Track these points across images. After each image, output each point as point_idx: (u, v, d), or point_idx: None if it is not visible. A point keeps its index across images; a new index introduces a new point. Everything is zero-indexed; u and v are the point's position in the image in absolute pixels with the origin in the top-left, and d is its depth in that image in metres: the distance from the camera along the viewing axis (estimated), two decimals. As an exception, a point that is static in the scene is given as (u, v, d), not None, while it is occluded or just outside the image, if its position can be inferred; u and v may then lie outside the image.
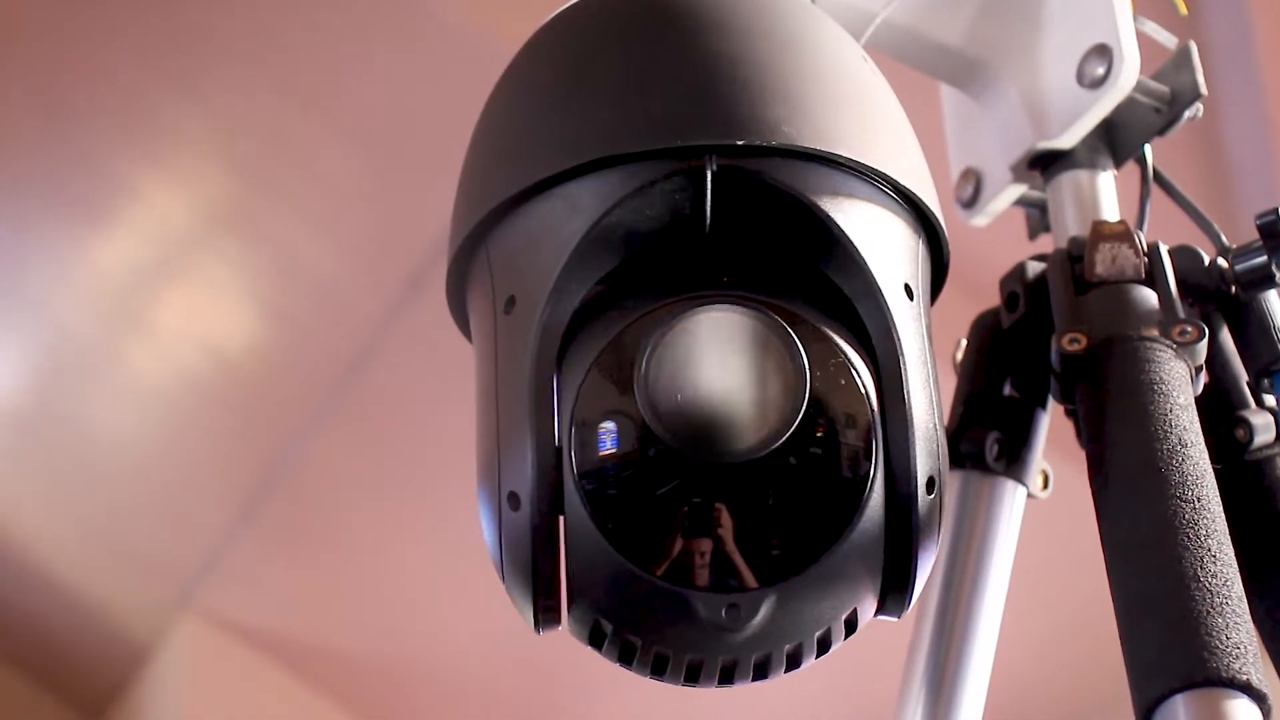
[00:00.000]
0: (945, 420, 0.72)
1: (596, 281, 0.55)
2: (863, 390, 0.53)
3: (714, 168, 0.54)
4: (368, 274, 2.50)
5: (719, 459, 0.52)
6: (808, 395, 0.51)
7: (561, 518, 0.53)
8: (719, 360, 0.52)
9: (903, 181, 0.57)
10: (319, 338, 2.59)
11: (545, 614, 0.54)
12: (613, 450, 0.52)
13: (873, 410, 0.53)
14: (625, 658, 0.54)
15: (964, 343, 0.76)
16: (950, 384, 0.74)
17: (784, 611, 0.53)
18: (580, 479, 0.52)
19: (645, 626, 0.54)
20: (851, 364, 0.53)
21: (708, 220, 0.55)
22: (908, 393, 0.54)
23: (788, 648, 0.54)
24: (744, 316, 0.53)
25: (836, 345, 0.53)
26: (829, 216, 0.54)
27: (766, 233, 0.55)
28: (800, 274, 0.55)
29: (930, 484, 0.54)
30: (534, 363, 0.54)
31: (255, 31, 2.27)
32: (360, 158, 2.40)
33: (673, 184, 0.54)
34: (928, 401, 0.55)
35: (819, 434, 0.52)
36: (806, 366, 0.52)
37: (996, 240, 0.89)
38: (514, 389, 0.54)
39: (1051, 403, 0.73)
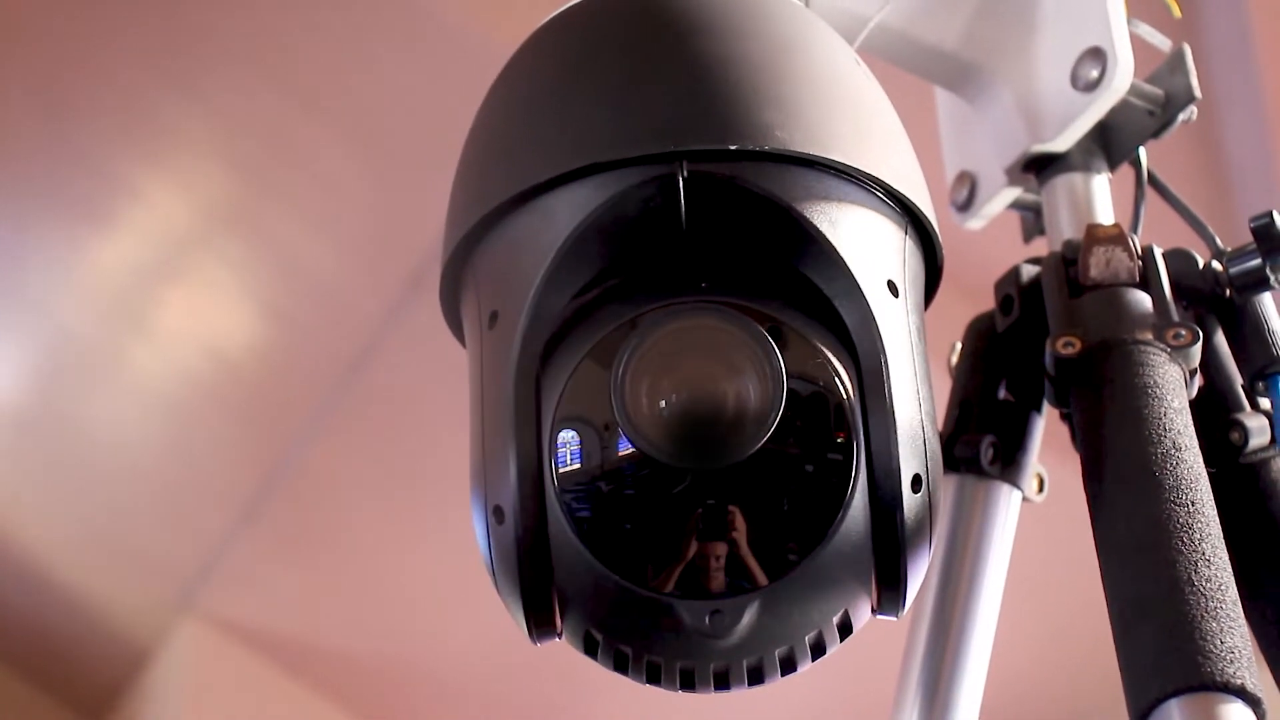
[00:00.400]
0: (940, 423, 0.72)
1: (579, 290, 0.55)
2: (843, 391, 0.53)
3: (685, 174, 0.54)
4: (368, 274, 2.50)
5: (697, 465, 0.52)
6: (784, 399, 0.51)
7: (549, 529, 0.53)
8: (693, 367, 0.52)
9: (895, 185, 0.57)
10: (319, 338, 2.59)
11: (539, 626, 0.55)
12: (592, 461, 0.53)
13: (853, 411, 0.53)
14: (620, 666, 0.55)
15: (959, 346, 0.76)
16: (946, 387, 0.74)
17: (770, 616, 0.53)
18: (562, 491, 0.53)
19: (633, 635, 0.54)
20: (831, 364, 0.53)
21: (683, 225, 0.54)
22: (889, 390, 0.53)
23: (779, 652, 0.54)
24: (717, 322, 0.53)
25: (815, 346, 0.53)
26: (804, 216, 0.54)
27: (745, 235, 0.55)
28: (780, 275, 0.55)
29: (916, 482, 0.54)
30: (515, 378, 0.54)
31: (255, 32, 2.27)
32: (360, 158, 2.40)
33: (646, 191, 0.54)
34: (913, 399, 0.55)
35: (797, 437, 0.52)
36: (782, 369, 0.52)
37: (995, 242, 0.89)
38: (497, 404, 0.54)
39: (1047, 406, 0.73)
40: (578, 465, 0.53)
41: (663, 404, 0.52)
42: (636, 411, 0.52)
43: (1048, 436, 0.75)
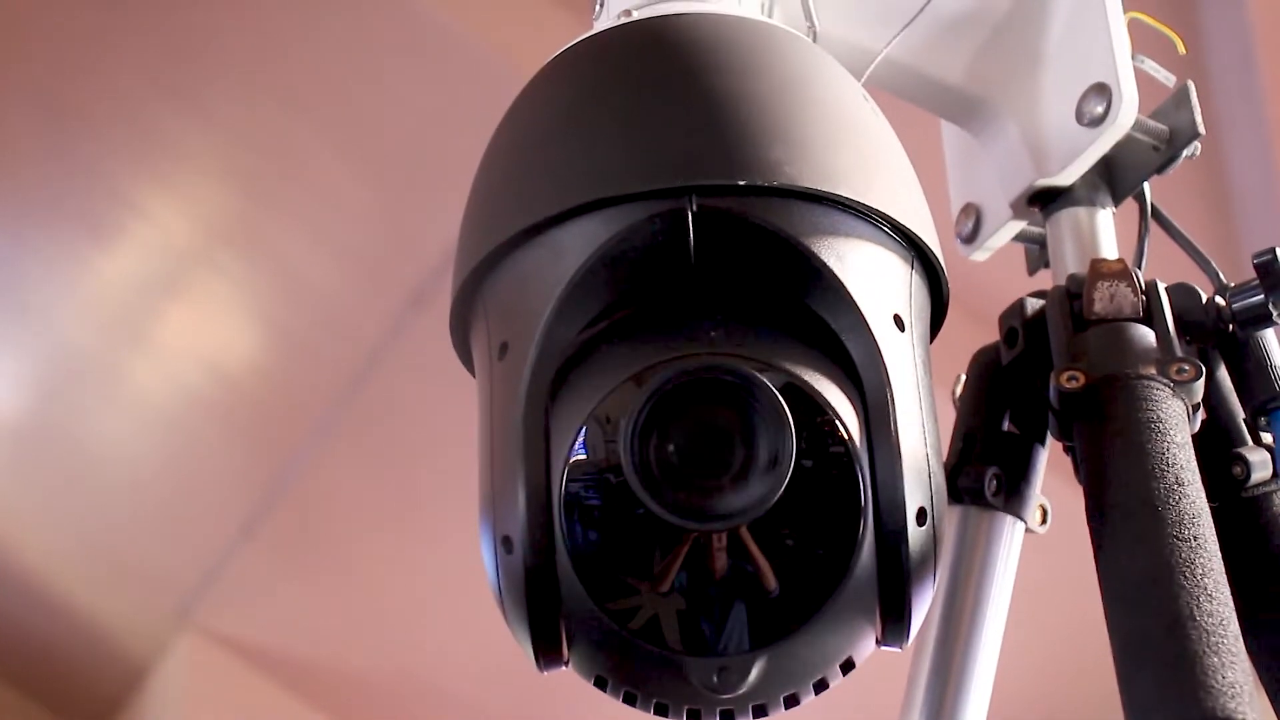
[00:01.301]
0: (944, 454, 0.73)
1: (589, 322, 0.56)
2: (851, 447, 0.53)
3: (694, 209, 0.54)
4: (369, 289, 2.51)
5: (704, 525, 0.52)
6: (793, 462, 0.52)
7: (557, 560, 0.54)
8: (703, 428, 0.53)
9: (901, 220, 0.58)
10: (320, 353, 2.60)
11: (546, 656, 0.55)
12: (599, 514, 0.53)
13: (861, 468, 0.53)
14: (629, 702, 0.55)
15: (963, 377, 0.76)
16: (950, 418, 0.75)
17: (776, 669, 0.53)
18: (568, 537, 0.53)
19: (639, 682, 0.55)
20: (841, 422, 0.53)
21: (692, 259, 0.55)
22: (895, 424, 0.54)
23: (784, 696, 0.55)
24: (728, 381, 0.53)
25: (824, 401, 0.53)
26: (811, 252, 0.55)
27: (753, 270, 0.56)
28: (787, 309, 0.56)
29: (921, 515, 0.54)
30: (524, 409, 0.54)
31: (256, 43, 2.28)
32: (362, 170, 2.41)
33: (655, 226, 0.54)
34: (919, 433, 0.55)
35: (805, 497, 0.53)
36: (793, 435, 0.52)
37: (1002, 268, 0.90)
38: (506, 436, 0.55)
39: (1050, 438, 0.73)
40: (584, 516, 0.53)
41: (671, 467, 0.52)
42: (645, 470, 0.52)
43: (1051, 462, 0.76)
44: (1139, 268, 0.75)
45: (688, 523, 0.52)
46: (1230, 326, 0.71)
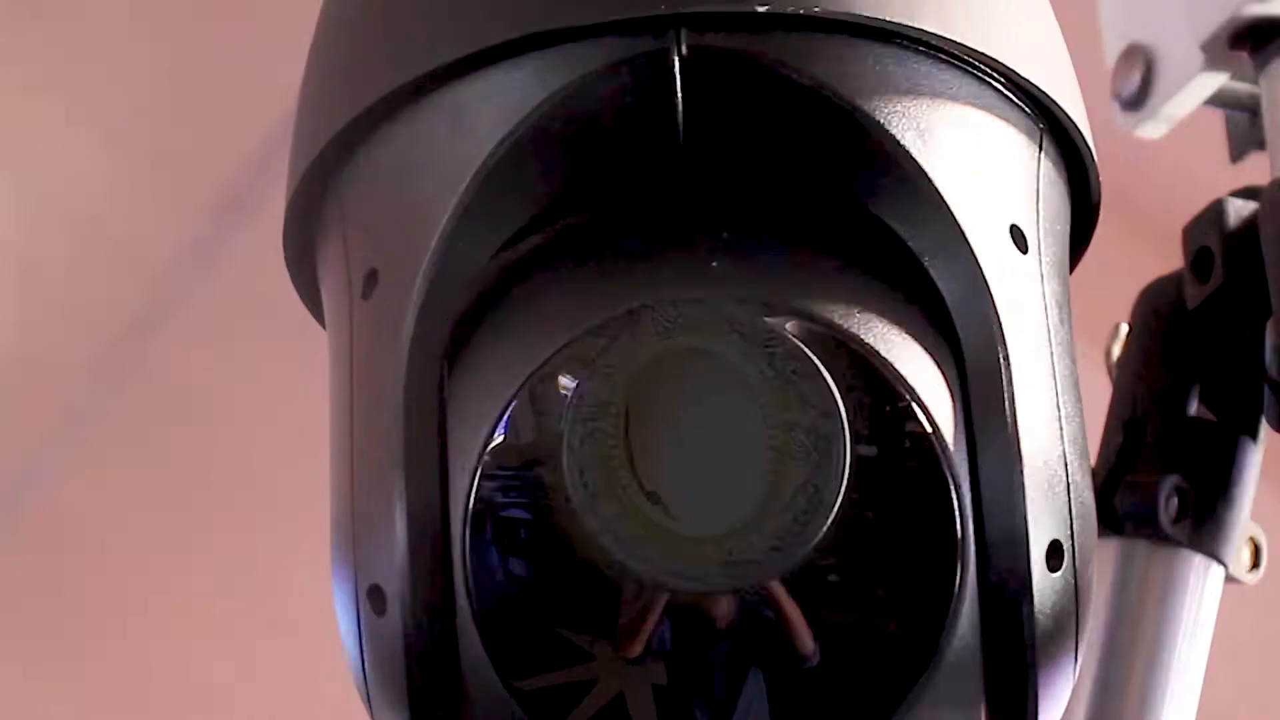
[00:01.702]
0: (1092, 456, 0.74)
1: (512, 238, 0.56)
2: (938, 446, 0.53)
3: (683, 50, 0.54)
4: (152, 205, 2.52)
5: (700, 587, 0.52)
6: (844, 478, 0.51)
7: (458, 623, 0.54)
8: (700, 428, 0.52)
9: (1022, 71, 0.58)
10: (77, 314, 2.61)
11: None
12: (526, 552, 0.53)
13: (956, 480, 0.53)
14: None
15: (1124, 330, 0.77)
16: (1102, 396, 0.76)
17: None
18: (475, 590, 0.53)
19: None
20: (922, 406, 0.53)
21: (680, 134, 0.55)
22: (1012, 406, 0.54)
23: None
24: (739, 344, 0.52)
25: (895, 373, 0.53)
26: (874, 121, 0.54)
27: (778, 152, 0.56)
28: (834, 216, 0.56)
29: (1054, 553, 0.55)
30: (405, 378, 0.54)
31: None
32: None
33: (619, 79, 0.54)
34: (1049, 419, 0.56)
35: (864, 529, 0.52)
36: (844, 433, 0.51)
37: (1188, 151, 0.91)
38: (376, 424, 0.55)
39: (1265, 429, 0.74)
40: (504, 559, 0.53)
41: (649, 491, 0.51)
42: (603, 492, 0.51)
43: (1268, 469, 0.77)
44: None
45: (673, 581, 0.52)
46: None
